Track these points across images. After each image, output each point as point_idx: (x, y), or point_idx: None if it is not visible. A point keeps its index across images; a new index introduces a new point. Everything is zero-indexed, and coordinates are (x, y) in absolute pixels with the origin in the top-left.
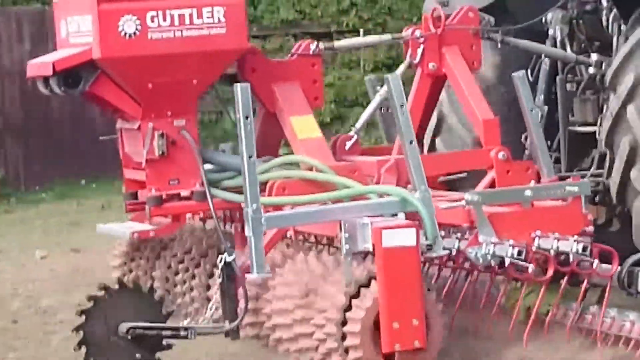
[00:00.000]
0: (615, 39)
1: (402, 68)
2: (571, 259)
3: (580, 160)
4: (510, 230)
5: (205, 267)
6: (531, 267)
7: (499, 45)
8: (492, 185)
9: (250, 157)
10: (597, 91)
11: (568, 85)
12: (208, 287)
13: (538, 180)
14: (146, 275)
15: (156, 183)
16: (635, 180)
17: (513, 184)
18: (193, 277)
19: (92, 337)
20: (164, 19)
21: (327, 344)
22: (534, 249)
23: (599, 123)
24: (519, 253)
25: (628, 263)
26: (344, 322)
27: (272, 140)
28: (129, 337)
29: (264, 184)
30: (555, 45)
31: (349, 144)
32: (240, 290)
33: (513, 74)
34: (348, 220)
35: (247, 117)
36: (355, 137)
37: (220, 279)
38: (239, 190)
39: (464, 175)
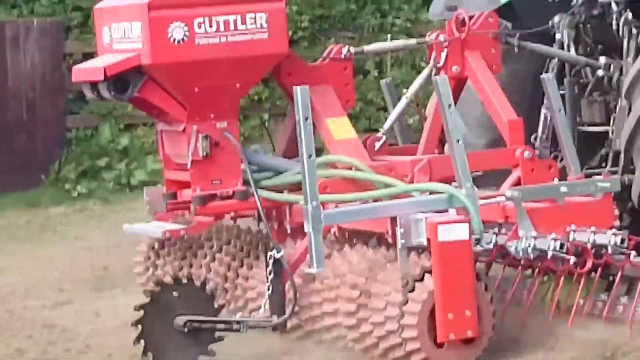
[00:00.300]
0: (625, 41)
1: (426, 71)
2: (610, 251)
3: (589, 159)
4: (547, 225)
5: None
6: (573, 259)
7: (516, 50)
8: (517, 183)
9: (310, 156)
10: (604, 92)
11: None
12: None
13: (560, 178)
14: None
15: (200, 183)
16: None
17: (538, 181)
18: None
19: (150, 330)
20: (210, 25)
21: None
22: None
23: (611, 123)
24: (561, 246)
25: None
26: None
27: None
28: (186, 330)
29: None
30: (562, 49)
31: (378, 145)
32: (288, 285)
33: (542, 76)
34: (403, 216)
35: (306, 119)
36: (384, 138)
37: (270, 275)
38: (277, 190)
39: (479, 173)
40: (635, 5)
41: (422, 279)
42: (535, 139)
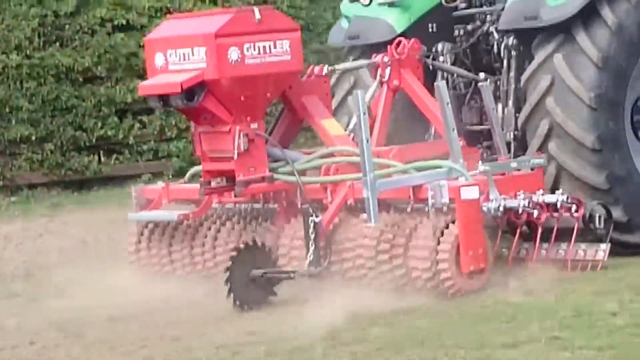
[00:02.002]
0: (506, 61)
1: (375, 85)
2: (559, 207)
3: None
4: (504, 191)
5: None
6: (536, 212)
7: (431, 68)
8: None
9: (367, 140)
10: (479, 100)
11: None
12: None
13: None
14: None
15: (242, 170)
16: (551, 150)
17: (469, 164)
18: None
19: (235, 279)
20: (254, 49)
21: (422, 264)
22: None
23: (500, 122)
24: (528, 203)
25: (589, 209)
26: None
27: (289, 137)
28: (262, 279)
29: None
30: None
31: None
32: (324, 243)
33: (479, 84)
34: (431, 183)
35: (364, 114)
36: (352, 135)
37: (312, 235)
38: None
39: None
40: (520, 32)
41: (447, 227)
42: None
